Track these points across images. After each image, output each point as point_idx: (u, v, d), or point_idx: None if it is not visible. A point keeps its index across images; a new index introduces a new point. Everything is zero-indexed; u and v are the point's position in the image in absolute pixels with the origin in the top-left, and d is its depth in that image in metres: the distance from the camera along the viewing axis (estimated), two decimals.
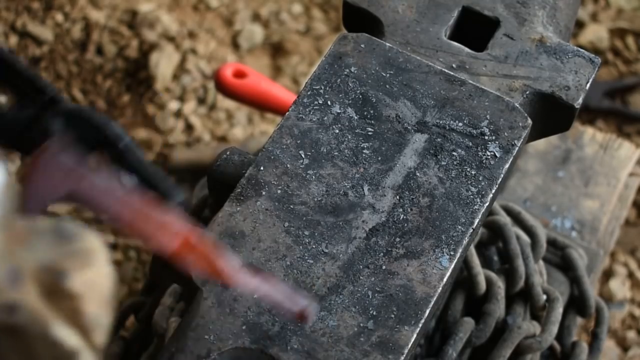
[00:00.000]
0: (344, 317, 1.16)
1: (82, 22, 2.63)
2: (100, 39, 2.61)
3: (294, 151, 1.26)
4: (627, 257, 2.38)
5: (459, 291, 1.63)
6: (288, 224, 1.21)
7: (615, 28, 2.69)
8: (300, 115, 1.29)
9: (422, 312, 1.17)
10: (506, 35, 1.36)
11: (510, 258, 1.64)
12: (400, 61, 1.32)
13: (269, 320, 1.15)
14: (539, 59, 1.34)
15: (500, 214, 1.68)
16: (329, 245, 1.20)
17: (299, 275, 1.18)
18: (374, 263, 1.20)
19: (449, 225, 1.22)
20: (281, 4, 2.71)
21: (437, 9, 1.37)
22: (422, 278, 1.19)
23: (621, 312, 2.31)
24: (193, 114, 2.51)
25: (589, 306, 1.75)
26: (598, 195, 2.03)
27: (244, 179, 1.24)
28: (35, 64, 2.56)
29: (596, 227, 2.00)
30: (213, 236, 1.19)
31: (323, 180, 1.24)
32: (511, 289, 1.64)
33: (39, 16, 2.63)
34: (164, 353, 1.14)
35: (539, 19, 1.37)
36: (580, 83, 1.32)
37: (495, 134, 1.28)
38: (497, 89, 1.32)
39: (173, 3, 2.69)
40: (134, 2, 2.67)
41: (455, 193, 1.24)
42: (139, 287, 2.31)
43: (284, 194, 1.23)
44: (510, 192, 2.01)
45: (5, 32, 2.60)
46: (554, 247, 1.82)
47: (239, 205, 1.22)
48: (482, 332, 1.58)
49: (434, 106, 1.30)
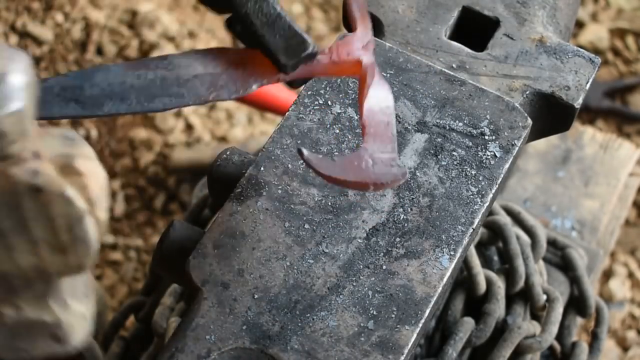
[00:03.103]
0: (344, 317, 1.16)
1: (82, 22, 2.63)
2: (100, 39, 2.61)
3: (294, 151, 1.26)
4: (627, 257, 2.38)
5: (459, 291, 1.63)
6: (288, 224, 1.21)
7: (615, 28, 2.69)
8: (301, 115, 1.29)
9: (422, 312, 1.17)
10: (506, 35, 1.36)
11: (510, 258, 1.64)
12: (400, 61, 1.32)
13: (269, 320, 1.15)
14: (539, 59, 1.34)
15: (500, 214, 1.68)
16: (329, 245, 1.20)
17: (299, 275, 1.18)
18: (374, 263, 1.20)
19: (449, 225, 1.22)
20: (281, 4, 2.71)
21: (437, 9, 1.37)
22: (422, 278, 1.19)
23: (621, 312, 2.31)
24: (193, 114, 2.51)
25: (589, 306, 1.75)
26: (598, 195, 2.03)
27: (244, 179, 1.24)
28: (36, 64, 2.56)
29: (596, 227, 2.00)
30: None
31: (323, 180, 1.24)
32: (511, 289, 1.64)
33: (39, 16, 2.63)
34: (164, 353, 1.14)
35: (539, 19, 1.37)
36: (580, 83, 1.33)
37: (495, 133, 1.28)
38: (497, 89, 1.32)
39: (173, 3, 2.69)
40: (134, 2, 2.67)
41: (455, 193, 1.24)
42: (139, 287, 2.31)
43: (284, 194, 1.23)
44: (510, 192, 2.01)
45: (5, 32, 2.60)
46: (554, 247, 1.82)
47: (239, 205, 1.22)
48: (482, 332, 1.58)
49: (434, 106, 1.30)
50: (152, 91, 1.18)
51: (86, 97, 1.17)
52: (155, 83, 1.18)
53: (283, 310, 1.16)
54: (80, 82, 1.18)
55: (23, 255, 0.91)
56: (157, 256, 1.23)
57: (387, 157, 1.14)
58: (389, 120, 1.15)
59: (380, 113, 1.15)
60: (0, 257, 0.91)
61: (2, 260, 0.91)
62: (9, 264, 0.91)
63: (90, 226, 0.91)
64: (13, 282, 0.93)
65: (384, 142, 1.14)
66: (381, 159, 1.13)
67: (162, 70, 1.18)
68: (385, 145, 1.14)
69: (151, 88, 1.18)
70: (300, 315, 1.16)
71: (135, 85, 1.17)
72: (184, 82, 1.18)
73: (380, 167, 1.13)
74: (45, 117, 1.16)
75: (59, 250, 0.91)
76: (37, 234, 0.91)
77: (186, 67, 1.19)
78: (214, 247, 1.19)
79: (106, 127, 2.49)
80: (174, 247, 1.22)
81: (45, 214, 0.90)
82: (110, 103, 1.17)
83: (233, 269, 1.18)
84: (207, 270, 1.17)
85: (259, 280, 1.17)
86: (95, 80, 1.17)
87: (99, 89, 1.17)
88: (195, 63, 1.18)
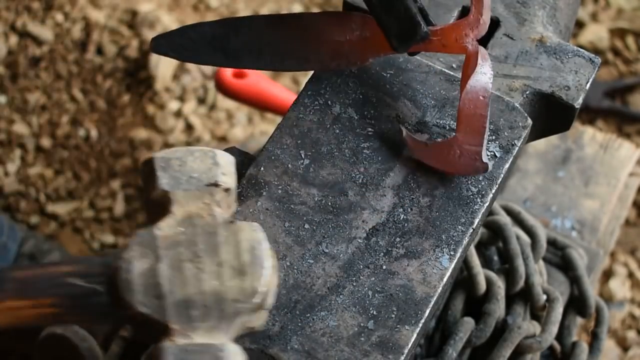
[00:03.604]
0: (344, 317, 1.16)
1: (82, 22, 2.63)
2: (100, 38, 2.61)
3: (294, 151, 1.26)
4: (627, 257, 2.38)
5: (459, 291, 1.63)
6: (288, 224, 1.21)
7: (615, 28, 2.69)
8: (301, 115, 1.29)
9: (422, 312, 1.17)
10: (506, 35, 1.36)
11: (510, 258, 1.64)
12: (400, 61, 1.32)
13: (269, 320, 1.15)
14: (539, 59, 1.34)
15: (500, 214, 1.68)
16: (329, 245, 1.20)
17: (299, 275, 1.18)
18: (374, 263, 1.20)
19: (449, 225, 1.22)
20: (281, 4, 2.71)
21: (437, 9, 1.37)
22: (422, 278, 1.19)
23: (621, 312, 2.31)
24: (193, 114, 2.51)
25: (589, 306, 1.75)
26: (598, 195, 2.03)
27: (244, 179, 1.24)
28: (35, 64, 2.56)
29: (596, 227, 2.00)
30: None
31: (323, 180, 1.24)
32: (511, 289, 1.64)
33: (39, 16, 2.63)
34: None
35: (539, 19, 1.37)
36: (580, 83, 1.32)
37: (495, 133, 1.28)
38: (497, 89, 1.32)
39: (173, 3, 2.69)
40: (134, 2, 2.67)
41: (455, 193, 1.24)
42: None
43: (284, 194, 1.23)
44: (510, 192, 2.01)
45: (5, 32, 2.60)
46: (554, 247, 1.82)
47: (239, 205, 1.22)
48: (482, 332, 1.58)
49: (434, 106, 1.30)
50: (283, 51, 1.27)
51: (230, 49, 1.27)
52: (287, 44, 1.27)
53: (283, 310, 1.16)
54: (228, 32, 1.27)
55: (209, 278, 1.05)
56: None
57: (474, 150, 1.20)
58: (482, 113, 1.20)
59: (477, 104, 1.20)
60: (189, 280, 1.05)
61: (190, 283, 1.05)
62: (195, 288, 1.05)
63: (267, 249, 1.08)
64: (192, 313, 1.05)
65: (474, 134, 1.20)
66: (468, 151, 1.21)
67: (295, 31, 1.26)
68: (475, 137, 1.20)
69: (283, 48, 1.27)
70: (300, 315, 1.16)
71: (271, 42, 1.26)
72: (311, 46, 1.26)
73: (466, 159, 1.21)
74: (195, 61, 1.31)
75: (239, 273, 1.06)
76: (224, 256, 1.06)
77: (316, 30, 1.27)
78: None
79: (106, 127, 2.49)
80: None
81: (234, 238, 1.08)
82: (248, 58, 1.27)
83: None
84: None
85: None
86: (240, 32, 1.27)
87: (241, 42, 1.27)
88: (325, 27, 1.26)
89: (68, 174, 2.43)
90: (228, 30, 1.28)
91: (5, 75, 2.55)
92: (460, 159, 1.21)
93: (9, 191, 2.40)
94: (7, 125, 2.48)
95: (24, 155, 2.45)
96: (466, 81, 1.20)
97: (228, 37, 1.28)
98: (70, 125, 2.48)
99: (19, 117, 2.49)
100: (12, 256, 2.15)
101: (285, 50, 1.27)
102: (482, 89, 1.20)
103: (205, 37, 1.28)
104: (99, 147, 2.46)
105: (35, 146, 2.46)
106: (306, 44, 1.27)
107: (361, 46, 1.26)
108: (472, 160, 1.21)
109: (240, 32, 1.27)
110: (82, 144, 2.47)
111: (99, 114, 2.51)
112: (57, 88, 2.53)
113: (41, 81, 2.54)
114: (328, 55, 1.27)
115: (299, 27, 1.27)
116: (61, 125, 2.48)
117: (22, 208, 2.38)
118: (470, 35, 1.22)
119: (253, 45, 1.28)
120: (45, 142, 2.46)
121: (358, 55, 1.27)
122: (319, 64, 1.28)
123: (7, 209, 2.38)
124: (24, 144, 2.46)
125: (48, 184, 2.41)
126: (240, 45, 1.27)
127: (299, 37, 1.27)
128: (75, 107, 2.51)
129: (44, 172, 2.43)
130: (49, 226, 2.36)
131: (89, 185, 2.42)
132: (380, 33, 1.23)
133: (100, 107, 2.52)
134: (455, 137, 1.21)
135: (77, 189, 2.41)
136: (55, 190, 2.41)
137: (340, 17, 1.27)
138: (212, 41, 1.28)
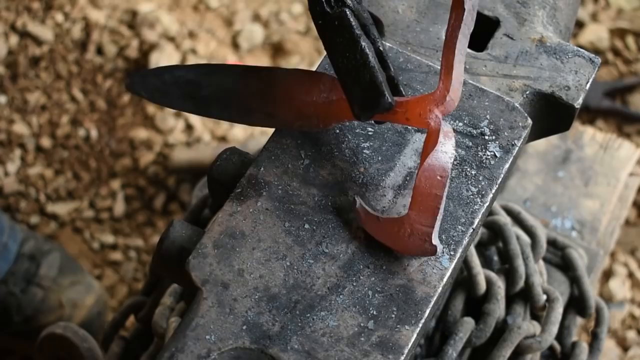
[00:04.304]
0: (344, 317, 1.16)
1: (82, 22, 2.63)
2: (100, 39, 2.61)
3: (294, 151, 1.26)
4: (627, 257, 2.38)
5: (459, 291, 1.63)
6: (288, 224, 1.21)
7: (615, 28, 2.69)
8: None
9: (422, 312, 1.17)
10: (506, 35, 1.36)
11: (510, 258, 1.64)
12: (401, 61, 1.32)
13: (269, 320, 1.15)
14: (539, 59, 1.34)
15: (500, 214, 1.68)
16: (329, 245, 1.20)
17: (299, 275, 1.18)
18: (374, 263, 1.20)
19: (449, 225, 1.22)
20: (281, 4, 2.71)
21: (437, 9, 1.37)
22: (422, 278, 1.19)
23: (621, 312, 2.31)
24: None
25: (589, 306, 1.75)
26: (598, 195, 2.03)
27: (244, 179, 1.24)
28: (35, 64, 2.56)
29: (596, 227, 2.00)
30: None
31: (323, 180, 1.24)
32: (511, 289, 1.64)
33: (39, 16, 2.63)
34: (163, 353, 1.14)
35: (539, 19, 1.37)
36: (580, 83, 1.32)
37: (495, 133, 1.28)
38: (497, 89, 1.31)
39: (173, 3, 2.69)
40: (134, 2, 2.67)
41: (455, 193, 1.24)
42: (139, 287, 2.31)
43: (284, 194, 1.23)
44: (510, 192, 2.01)
45: (5, 32, 2.60)
46: (554, 247, 1.83)
47: (239, 205, 1.22)
48: (482, 332, 1.58)
49: None
50: (250, 105, 1.25)
51: (200, 97, 1.26)
52: (254, 98, 1.24)
53: (283, 310, 1.16)
54: (200, 80, 1.26)
55: None
56: (156, 256, 1.23)
57: (425, 230, 1.16)
58: (438, 193, 1.16)
59: (433, 183, 1.15)
60: None
61: None
62: None
63: None
64: None
65: (427, 213, 1.16)
66: (419, 231, 1.16)
67: (265, 86, 1.24)
68: (427, 217, 1.16)
69: (250, 102, 1.25)
70: (300, 315, 1.16)
71: (240, 95, 1.24)
72: (278, 104, 1.24)
73: (415, 239, 1.16)
74: (166, 105, 1.30)
75: None
76: None
77: (285, 86, 1.23)
78: (214, 247, 1.19)
79: (106, 127, 2.49)
80: (174, 247, 1.22)
81: None
82: (216, 108, 1.26)
83: (233, 269, 1.18)
84: (207, 270, 1.17)
85: (259, 280, 1.17)
86: (212, 80, 1.25)
87: (212, 91, 1.25)
88: (293, 85, 1.23)
89: (68, 174, 2.43)
90: (200, 77, 1.26)
91: (5, 75, 2.55)
92: (409, 238, 1.17)
93: (9, 191, 2.40)
94: (7, 125, 2.48)
95: (24, 155, 2.45)
96: (425, 158, 1.16)
97: (199, 85, 1.25)
98: (70, 125, 2.48)
99: (19, 117, 2.49)
100: (13, 256, 2.15)
101: (252, 104, 1.24)
102: (441, 169, 1.15)
103: (178, 82, 1.25)
104: (99, 147, 2.46)
105: (35, 146, 2.46)
106: (273, 101, 1.23)
107: (326, 110, 1.22)
108: (421, 241, 1.16)
109: (212, 81, 1.25)
110: (82, 144, 2.47)
111: (99, 114, 2.51)
112: (57, 88, 2.54)
113: (41, 81, 2.54)
114: (292, 115, 1.23)
115: (269, 82, 1.24)
116: (61, 125, 2.48)
117: (22, 208, 2.38)
118: (435, 112, 1.16)
119: (222, 95, 1.25)
120: (45, 142, 2.46)
121: (321, 118, 1.23)
122: (282, 122, 1.24)
123: (7, 209, 2.38)
124: (24, 144, 2.46)
125: (48, 184, 2.41)
126: (211, 94, 1.25)
127: (267, 93, 1.24)
128: (75, 107, 2.51)
129: (44, 172, 2.43)
130: (49, 226, 2.36)
131: (89, 185, 2.42)
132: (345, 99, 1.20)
133: (100, 107, 2.52)
134: (408, 214, 1.17)
135: (77, 189, 2.41)
136: (55, 190, 2.41)
137: (310, 76, 1.23)
138: (184, 86, 1.25)
